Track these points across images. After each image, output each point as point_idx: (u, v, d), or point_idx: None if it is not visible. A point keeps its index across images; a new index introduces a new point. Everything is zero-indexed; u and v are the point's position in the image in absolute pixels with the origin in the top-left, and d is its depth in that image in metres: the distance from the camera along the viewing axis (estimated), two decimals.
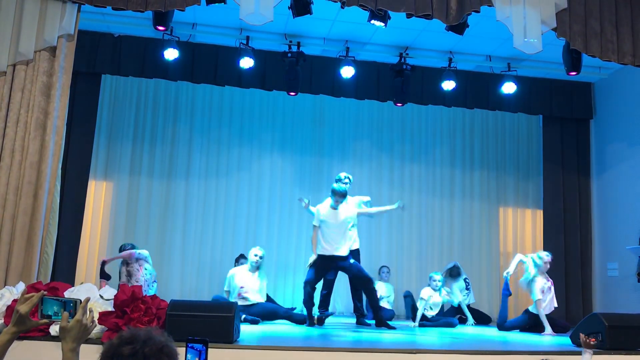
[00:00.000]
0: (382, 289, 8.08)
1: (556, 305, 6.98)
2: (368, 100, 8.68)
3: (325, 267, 6.56)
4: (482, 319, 8.18)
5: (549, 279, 6.93)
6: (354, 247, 6.93)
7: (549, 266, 6.88)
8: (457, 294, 7.92)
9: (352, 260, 6.63)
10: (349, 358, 4.22)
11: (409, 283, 8.85)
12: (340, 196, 6.48)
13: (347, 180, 7.04)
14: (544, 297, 6.75)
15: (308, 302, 6.50)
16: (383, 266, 8.48)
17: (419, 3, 5.72)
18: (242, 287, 6.77)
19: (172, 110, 8.85)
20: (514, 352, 4.50)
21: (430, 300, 7.34)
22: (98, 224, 8.38)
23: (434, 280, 7.41)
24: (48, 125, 5.39)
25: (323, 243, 6.47)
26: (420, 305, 7.30)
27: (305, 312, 6.62)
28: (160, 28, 6.39)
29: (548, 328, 6.58)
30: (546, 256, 6.92)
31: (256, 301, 6.74)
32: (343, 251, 6.48)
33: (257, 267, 6.85)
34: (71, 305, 2.06)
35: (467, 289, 8.13)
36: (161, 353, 1.56)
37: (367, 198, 7.34)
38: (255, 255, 6.85)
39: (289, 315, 6.78)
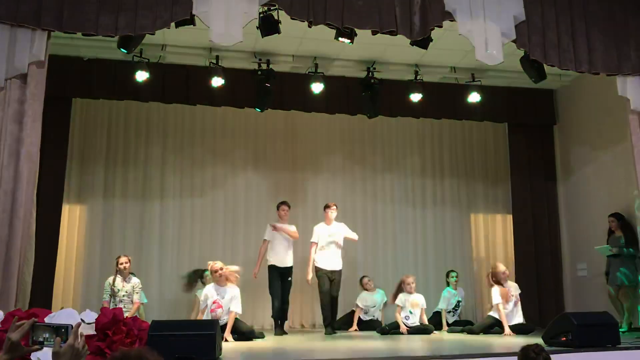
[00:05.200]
0: (367, 300, 8.22)
1: (522, 321, 7.16)
2: (339, 114, 8.83)
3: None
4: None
5: (515, 292, 7.26)
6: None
7: (504, 275, 7.23)
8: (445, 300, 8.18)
9: None
10: None
11: (385, 292, 8.96)
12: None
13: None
14: (507, 305, 7.09)
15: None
16: (364, 276, 8.54)
17: (384, 20, 5.89)
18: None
19: (144, 131, 8.86)
20: (490, 355, 4.64)
21: (406, 304, 7.51)
22: (73, 248, 8.33)
23: (407, 285, 7.58)
24: (21, 152, 5.37)
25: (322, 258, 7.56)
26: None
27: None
28: (124, 50, 6.44)
29: (507, 329, 6.91)
30: (499, 267, 7.37)
31: None
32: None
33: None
34: (62, 330, 2.11)
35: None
36: None
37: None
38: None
39: None
